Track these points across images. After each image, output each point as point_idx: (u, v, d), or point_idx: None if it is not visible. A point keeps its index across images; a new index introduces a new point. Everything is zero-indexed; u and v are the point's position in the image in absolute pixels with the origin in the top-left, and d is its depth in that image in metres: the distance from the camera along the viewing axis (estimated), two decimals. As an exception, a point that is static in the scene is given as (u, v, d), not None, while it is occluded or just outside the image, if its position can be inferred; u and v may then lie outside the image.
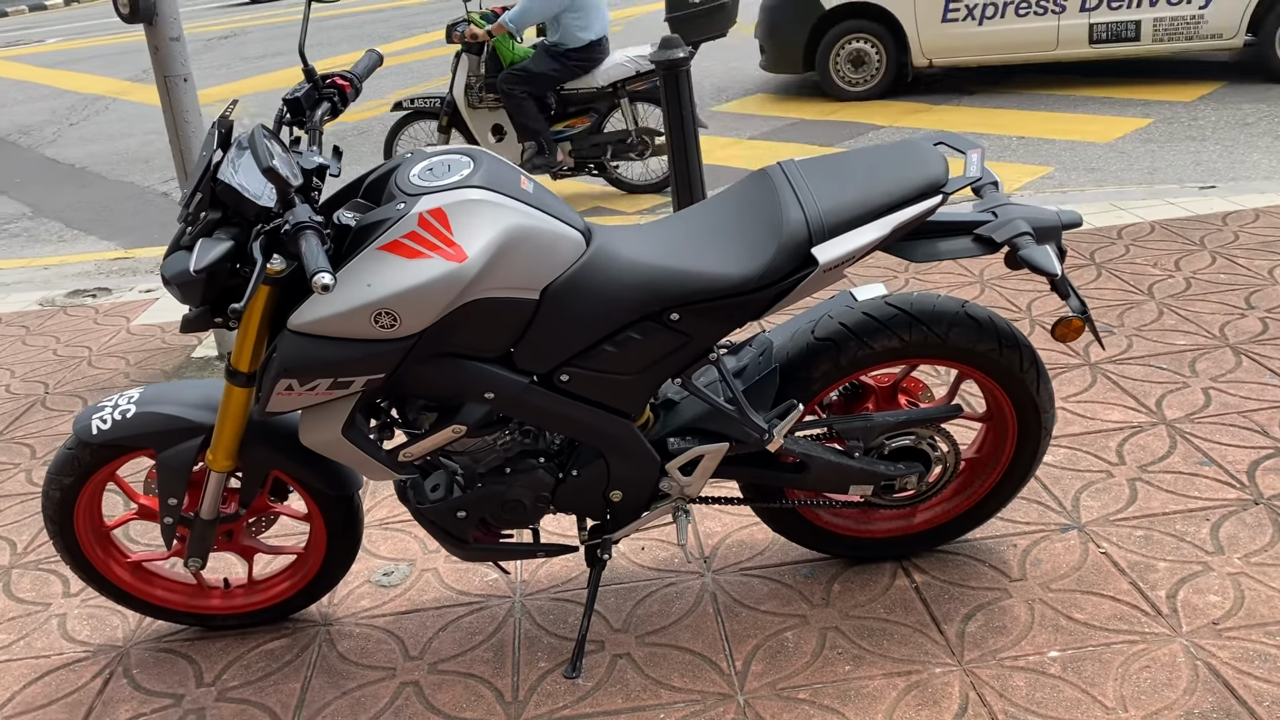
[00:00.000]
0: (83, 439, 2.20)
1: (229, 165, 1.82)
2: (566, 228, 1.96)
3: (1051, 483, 2.71)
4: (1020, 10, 7.10)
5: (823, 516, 2.42)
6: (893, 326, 2.13)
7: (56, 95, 12.28)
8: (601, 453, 2.14)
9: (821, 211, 1.96)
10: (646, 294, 1.98)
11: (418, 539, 2.79)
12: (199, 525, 2.25)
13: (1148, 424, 2.92)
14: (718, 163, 6.47)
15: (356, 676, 2.31)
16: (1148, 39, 6.88)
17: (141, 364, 4.16)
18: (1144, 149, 5.84)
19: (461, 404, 2.02)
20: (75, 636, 2.54)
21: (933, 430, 2.26)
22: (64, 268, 6.00)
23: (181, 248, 1.86)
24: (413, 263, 1.82)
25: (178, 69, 3.73)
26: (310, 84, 2.07)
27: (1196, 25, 6.73)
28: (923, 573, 2.43)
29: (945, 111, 7.12)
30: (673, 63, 4.24)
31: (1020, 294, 3.84)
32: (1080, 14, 6.98)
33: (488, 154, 1.98)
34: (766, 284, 1.97)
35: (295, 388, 1.89)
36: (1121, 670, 2.08)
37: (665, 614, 2.40)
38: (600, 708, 2.15)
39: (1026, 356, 2.20)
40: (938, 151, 2.05)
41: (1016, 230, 2.00)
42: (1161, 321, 3.51)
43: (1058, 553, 2.44)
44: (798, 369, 2.16)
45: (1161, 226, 4.36)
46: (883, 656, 2.20)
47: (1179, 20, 6.78)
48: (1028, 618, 2.25)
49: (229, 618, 2.48)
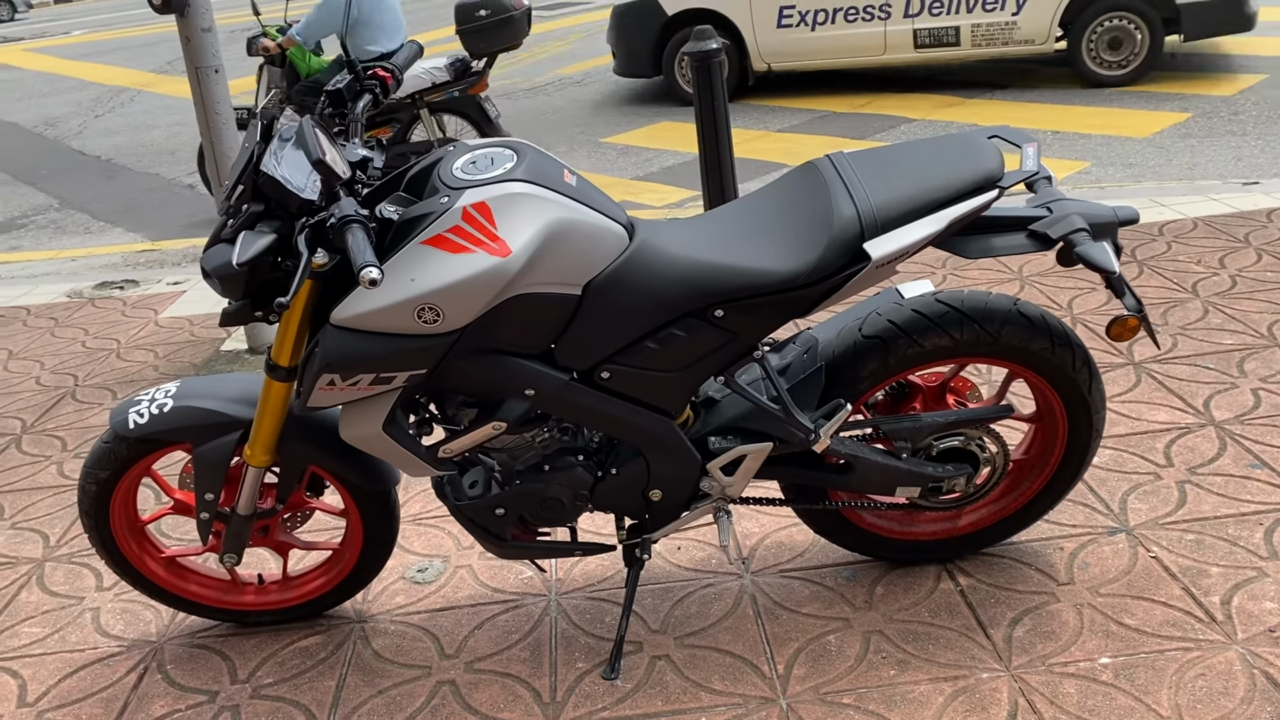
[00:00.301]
0: (119, 433, 2.18)
1: (272, 157, 1.79)
2: (610, 222, 1.92)
3: (1098, 484, 2.65)
4: (849, 16, 7.44)
5: (866, 518, 2.37)
6: (944, 324, 2.08)
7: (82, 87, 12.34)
8: (641, 451, 2.10)
9: (874, 205, 1.91)
10: (691, 290, 1.94)
11: (451, 535, 2.76)
12: (235, 521, 2.23)
13: (1196, 425, 2.85)
14: (746, 155, 6.42)
15: (392, 675, 2.29)
16: (967, 44, 7.26)
17: (170, 357, 4.16)
18: (1183, 144, 5.75)
19: (502, 400, 1.99)
20: (109, 631, 2.52)
21: (982, 431, 2.21)
22: (91, 259, 6.01)
23: (222, 240, 1.83)
24: (456, 257, 1.78)
25: (209, 60, 3.71)
26: (352, 75, 2.03)
27: (1011, 31, 7.13)
28: (968, 576, 2.38)
29: (979, 105, 7.04)
30: (704, 54, 4.19)
31: (1061, 291, 3.78)
32: (904, 20, 7.33)
33: (531, 147, 1.94)
34: (816, 280, 1.92)
35: (337, 383, 1.86)
36: (1176, 678, 2.03)
37: (704, 615, 2.36)
38: (640, 710, 2.11)
39: (1079, 356, 2.15)
40: (993, 145, 2.00)
41: (1072, 226, 1.94)
42: (1207, 320, 3.44)
43: (1106, 556, 2.39)
44: (844, 367, 2.12)
45: (1204, 223, 4.28)
46: (928, 661, 2.15)
47: (995, 26, 7.16)
48: (1077, 623, 2.20)
49: (263, 614, 2.46)
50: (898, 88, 7.76)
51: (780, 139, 6.77)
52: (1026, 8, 7.02)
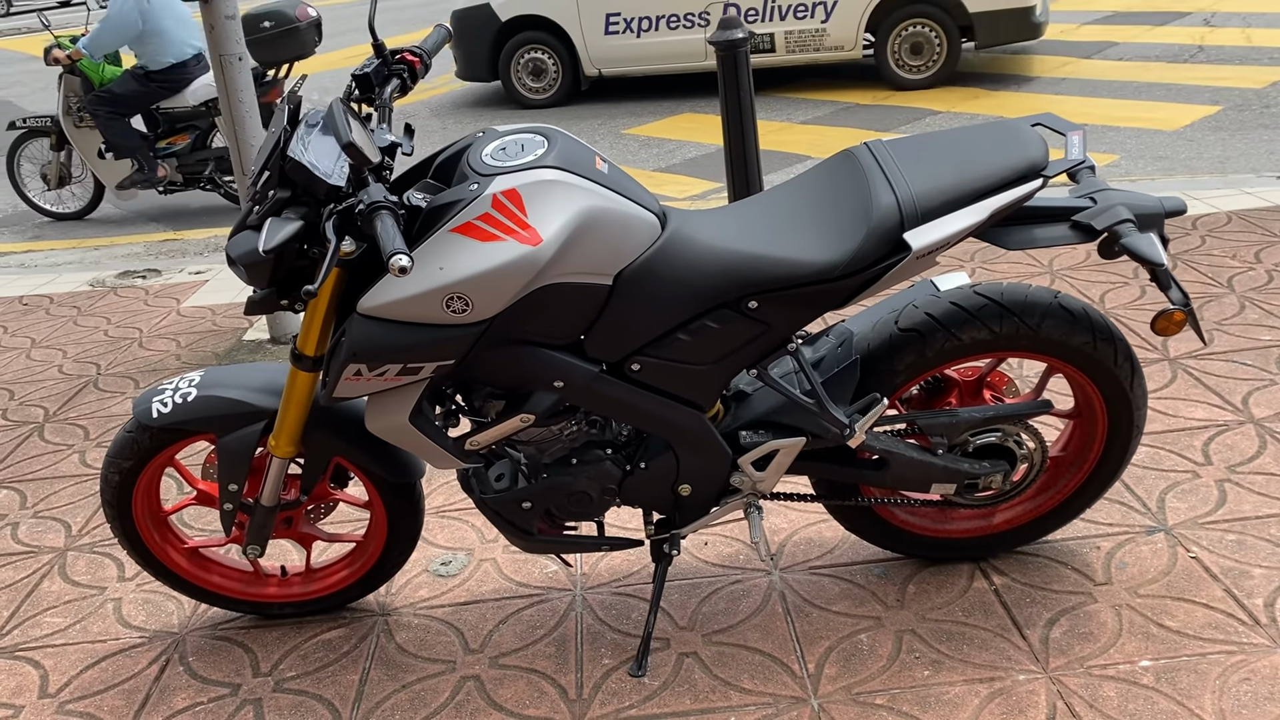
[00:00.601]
0: (143, 422, 2.16)
1: (299, 142, 1.75)
2: (642, 210, 1.88)
3: (1134, 483, 2.59)
4: (671, 23, 7.73)
5: (898, 515, 2.33)
6: (983, 317, 2.03)
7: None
8: (671, 445, 2.06)
9: (914, 194, 1.86)
10: (724, 280, 1.89)
11: (475, 528, 2.73)
12: (259, 512, 2.20)
13: (1234, 423, 2.79)
14: (770, 147, 6.36)
15: (416, 669, 2.26)
16: (782, 51, 7.58)
17: (192, 346, 4.14)
18: (1214, 137, 5.66)
19: (530, 392, 1.95)
20: (131, 622, 2.50)
21: (1019, 427, 2.16)
22: (114, 249, 6.01)
23: (248, 227, 1.79)
24: (486, 245, 1.75)
25: (232, 47, 3.68)
26: (380, 60, 2.00)
27: (821, 38, 7.48)
28: (1002, 575, 2.33)
29: (1005, 96, 6.95)
30: (731, 44, 4.14)
31: (1093, 285, 3.71)
32: None
33: (561, 133, 1.90)
34: (853, 271, 1.87)
35: (364, 373, 1.83)
36: (1219, 682, 1.98)
37: (732, 612, 2.32)
38: (668, 708, 2.08)
39: (1121, 350, 2.09)
40: (1036, 133, 1.95)
41: (1118, 217, 1.89)
42: (1244, 316, 3.37)
43: (1144, 556, 2.34)
44: (880, 361, 2.07)
45: (1238, 217, 4.20)
46: (963, 662, 2.10)
47: (806, 33, 7.50)
48: (1115, 624, 2.15)
49: (285, 606, 2.43)
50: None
51: (805, 131, 6.71)
52: (834, 16, 7.40)
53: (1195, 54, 7.45)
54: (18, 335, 4.42)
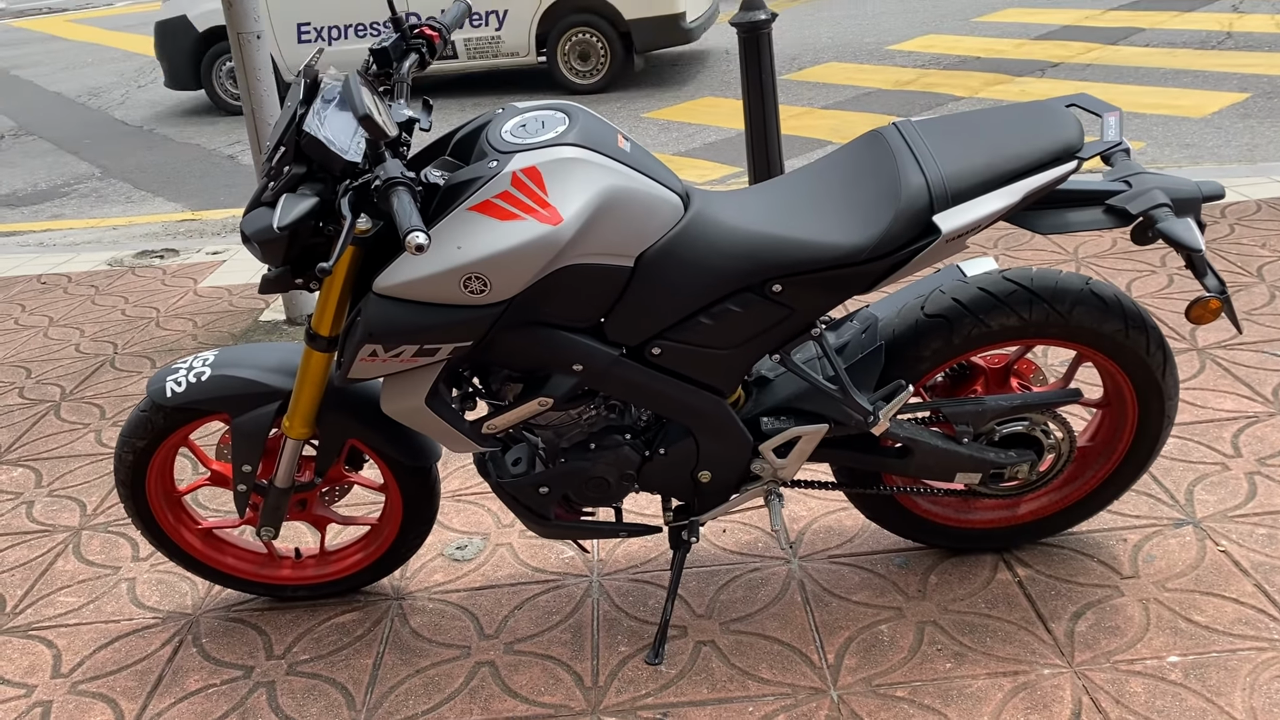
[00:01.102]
0: (157, 401, 2.13)
1: (315, 117, 1.72)
2: (665, 190, 1.84)
3: (1162, 474, 2.54)
4: (359, 32, 8.12)
5: (921, 504, 2.28)
6: (1012, 303, 1.98)
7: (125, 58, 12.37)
8: (691, 431, 2.03)
9: (944, 175, 1.81)
10: (748, 263, 1.85)
11: (491, 512, 2.70)
12: (273, 493, 2.18)
13: (1264, 414, 2.73)
14: (791, 132, 6.30)
15: (430, 654, 2.23)
16: (464, 57, 8.02)
17: (209, 326, 4.13)
18: (1242, 124, 5.56)
19: (549, 376, 1.92)
20: (145, 602, 2.49)
21: (1047, 416, 2.12)
22: (132, 228, 6.00)
23: (263, 204, 1.76)
24: (505, 225, 1.71)
25: (250, 25, 3.65)
26: (398, 34, 1.96)
27: (497, 44, 7.90)
28: (1026, 566, 2.29)
29: (1028, 82, 6.86)
30: (753, 25, 4.08)
31: (1119, 274, 3.65)
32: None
33: (583, 110, 1.86)
34: (881, 254, 1.83)
35: (379, 354, 1.79)
36: (1250, 680, 1.93)
37: (750, 601, 2.29)
38: (685, 697, 2.05)
39: (1154, 339, 2.04)
40: (1071, 113, 1.89)
41: (1154, 201, 1.84)
42: (1274, 305, 3.30)
43: (1172, 549, 2.29)
44: (905, 347, 2.02)
45: (1268, 205, 4.12)
46: (986, 655, 2.06)
47: (483, 40, 7.91)
48: (1142, 618, 2.10)
49: (299, 588, 2.41)
50: (944, 65, 7.59)
51: (826, 115, 6.64)
52: (507, 24, 7.83)
53: (1223, 40, 7.33)
54: (35, 314, 4.42)
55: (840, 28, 9.34)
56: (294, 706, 2.13)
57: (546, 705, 2.06)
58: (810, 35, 9.11)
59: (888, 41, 8.56)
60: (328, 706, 2.12)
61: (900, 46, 8.32)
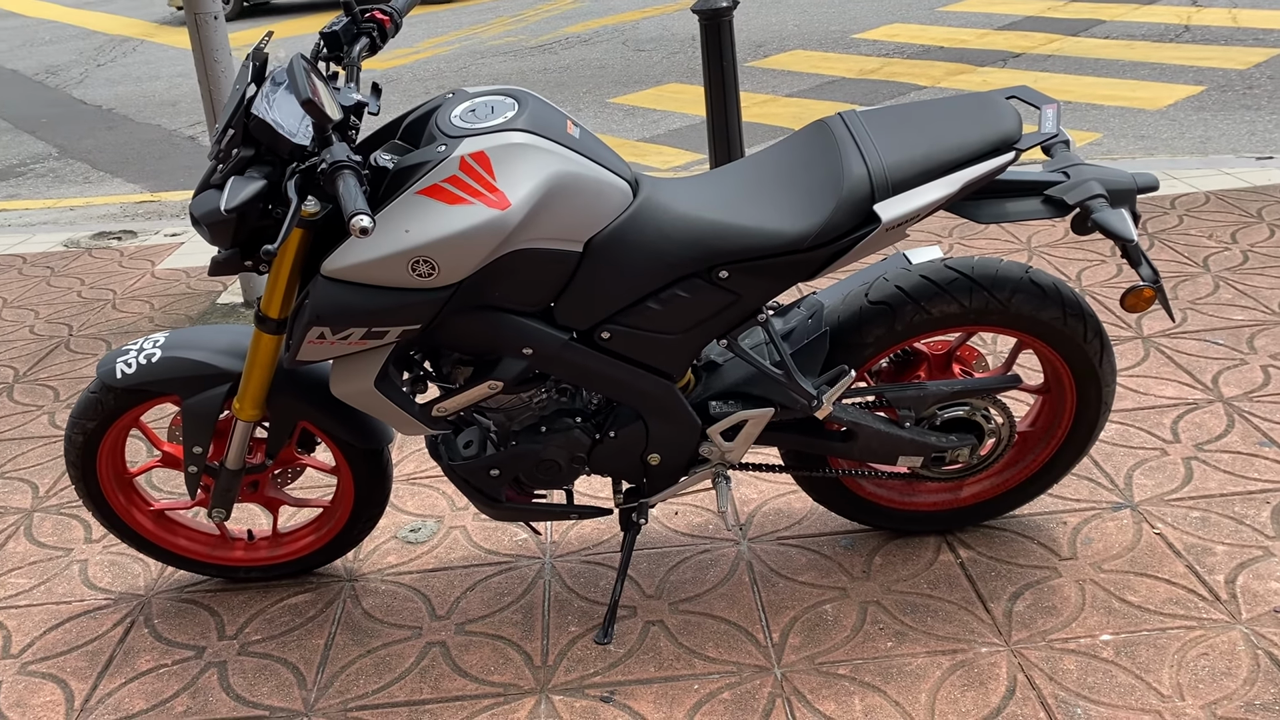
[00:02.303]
0: (107, 383, 2.13)
1: (263, 100, 1.73)
2: (614, 176, 1.86)
3: (1103, 459, 2.60)
4: None
5: (866, 487, 2.33)
6: (953, 291, 2.02)
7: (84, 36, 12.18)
8: (640, 414, 2.06)
9: (885, 165, 1.85)
10: (695, 249, 1.88)
11: (446, 495, 2.72)
12: (224, 475, 2.19)
13: (1204, 401, 2.81)
14: (754, 119, 6.32)
15: (382, 635, 2.26)
16: None
17: (166, 309, 4.10)
18: (1196, 117, 5.66)
19: (499, 359, 1.94)
20: (96, 583, 2.49)
21: (988, 401, 2.17)
22: (89, 209, 5.94)
23: (211, 186, 1.77)
24: (453, 209, 1.73)
25: (208, 6, 3.63)
26: (349, 18, 1.96)
27: None
28: (968, 548, 2.34)
29: (990, 73, 6.93)
30: (714, 12, 4.10)
31: (1070, 262, 3.71)
32: None
33: (533, 95, 1.88)
34: (824, 242, 1.86)
35: (327, 336, 1.81)
36: (1178, 657, 1.99)
37: (699, 581, 2.33)
38: (632, 675, 2.08)
39: (1091, 326, 2.09)
40: (1010, 105, 1.93)
41: (1090, 192, 1.88)
42: (1217, 295, 3.38)
43: (1109, 532, 2.35)
44: (849, 333, 2.06)
45: (1217, 197, 4.20)
46: (926, 634, 2.12)
47: None
48: (1078, 598, 2.16)
49: (252, 570, 2.42)
50: (907, 54, 7.65)
51: (789, 104, 6.67)
52: None
53: (1181, 34, 7.44)
54: (-11, 295, 4.38)
55: (807, 15, 9.38)
56: (245, 686, 2.14)
57: (496, 684, 2.09)
58: (777, 22, 9.14)
59: (853, 30, 8.60)
60: (279, 686, 2.14)
61: (866, 35, 8.37)
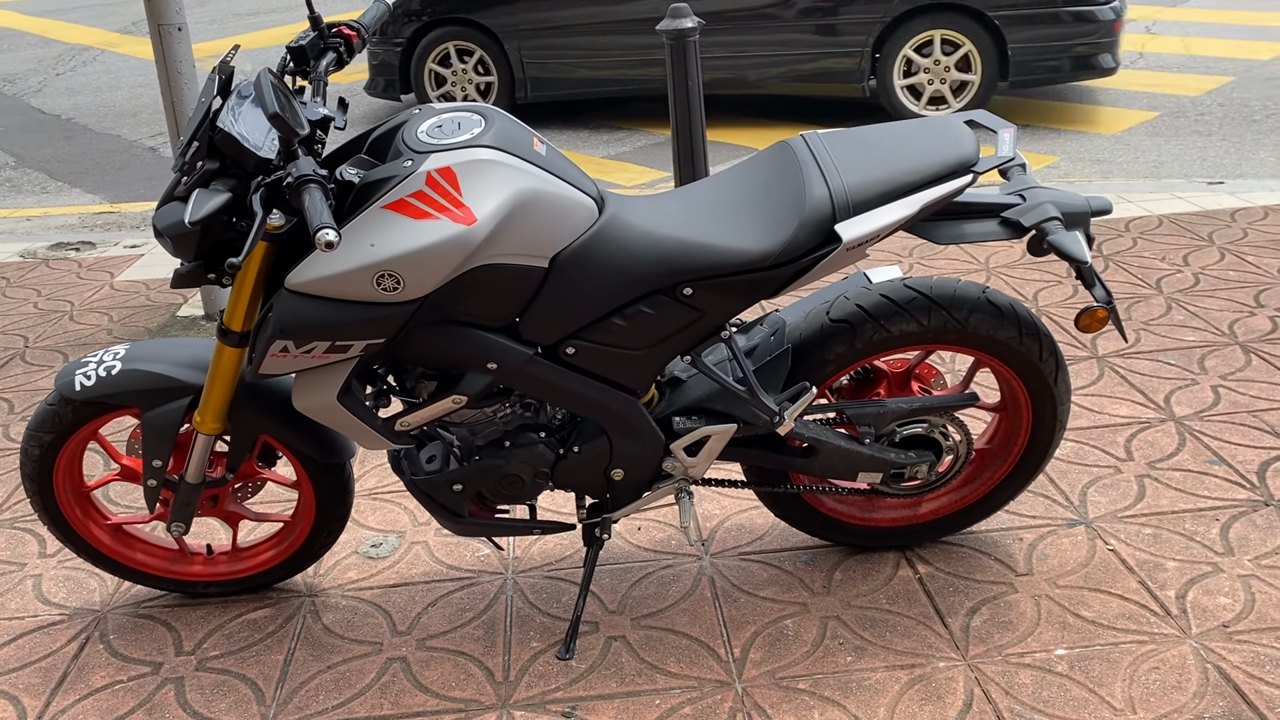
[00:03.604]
0: (65, 395, 2.11)
1: (229, 113, 1.73)
2: (579, 194, 1.88)
3: (1058, 477, 2.65)
4: None
5: (827, 503, 2.36)
6: (911, 310, 2.06)
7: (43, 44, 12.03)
8: (604, 429, 2.07)
9: (847, 186, 1.88)
10: (660, 266, 1.90)
11: (408, 510, 2.71)
12: (184, 489, 2.17)
13: (1156, 420, 2.87)
14: (718, 139, 6.38)
15: (342, 650, 2.24)
16: None
17: (125, 321, 4.06)
18: (1150, 142, 5.79)
19: (463, 374, 1.94)
20: (51, 599, 2.46)
21: (946, 419, 2.20)
22: (47, 219, 5.86)
23: (176, 198, 1.76)
24: (419, 224, 1.73)
25: (172, 17, 3.61)
26: (316, 32, 1.97)
27: None
28: (926, 564, 2.38)
29: (949, 97, 7.03)
30: (680, 32, 4.14)
31: (1027, 284, 3.78)
32: None
33: (500, 113, 1.89)
34: (786, 260, 1.89)
35: (291, 349, 1.81)
36: (1130, 671, 2.03)
37: (661, 597, 2.34)
38: (594, 691, 2.09)
39: (1046, 346, 2.14)
40: (968, 129, 1.98)
41: (1045, 215, 1.93)
42: (1170, 317, 3.46)
43: (1064, 548, 2.39)
44: (811, 350, 2.09)
45: (1169, 221, 4.30)
46: (885, 648, 2.14)
47: None
48: (1034, 614, 2.20)
49: (211, 585, 2.40)
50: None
51: (753, 123, 6.74)
52: None
53: (1136, 60, 7.60)
54: (-58, 305, 4.30)
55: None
56: (202, 702, 2.12)
57: (457, 700, 2.09)
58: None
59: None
60: (237, 702, 2.12)
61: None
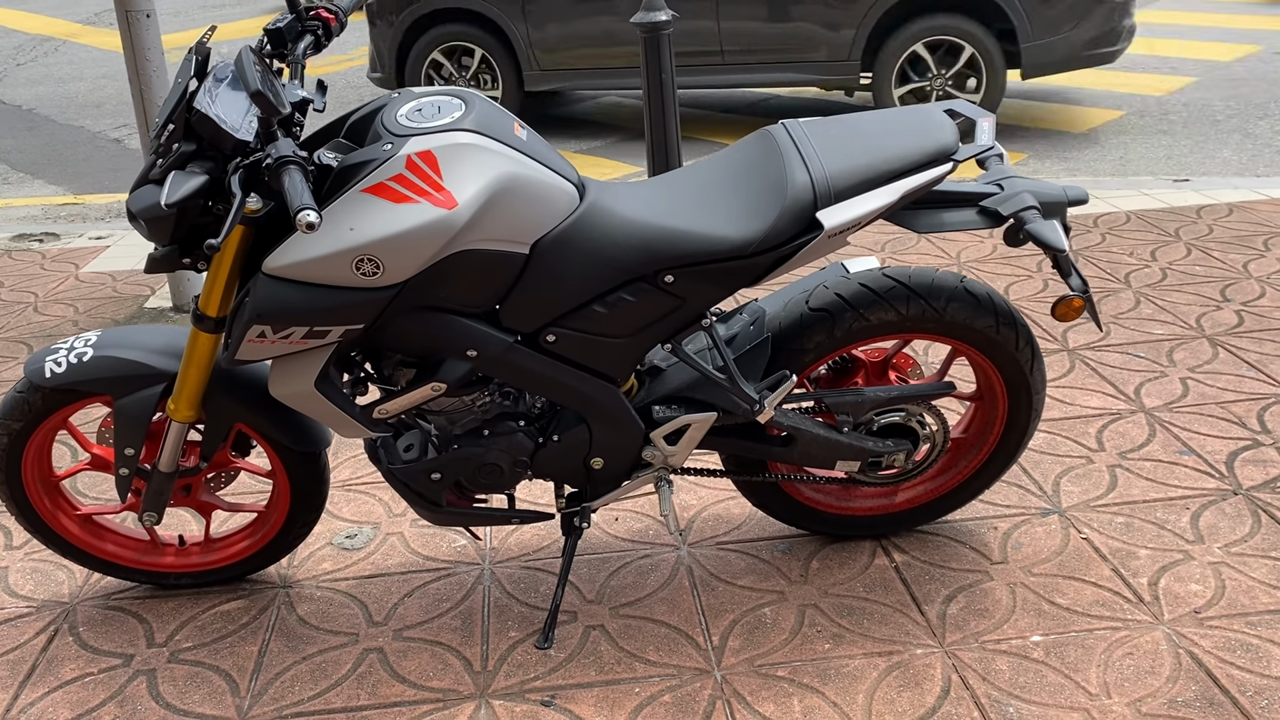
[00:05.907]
0: (35, 382, 2.07)
1: (206, 94, 1.70)
2: (560, 179, 1.87)
3: (1032, 467, 2.68)
4: None
5: (804, 492, 2.36)
6: (890, 299, 2.07)
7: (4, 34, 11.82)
8: (584, 418, 2.06)
9: (828, 174, 1.89)
10: (641, 254, 1.90)
11: (383, 501, 2.69)
12: (156, 478, 2.14)
13: (1127, 411, 2.90)
14: (692, 135, 6.39)
15: (317, 641, 2.22)
16: None
17: (91, 312, 4.00)
18: (1116, 140, 5.86)
19: (442, 361, 1.93)
20: (18, 591, 2.41)
21: (923, 408, 2.21)
22: (8, 211, 5.76)
23: (151, 181, 1.74)
24: (399, 207, 1.72)
25: (140, 4, 3.55)
26: (293, 15, 1.95)
27: None
28: (902, 552, 2.39)
29: (920, 94, 7.08)
30: (654, 25, 4.14)
31: (999, 277, 3.81)
32: None
33: (479, 96, 1.88)
34: (767, 248, 1.89)
35: (268, 335, 1.78)
36: (1104, 657, 2.05)
37: (640, 586, 2.33)
38: (573, 679, 2.08)
39: (1023, 336, 2.15)
40: (947, 118, 1.99)
41: (1023, 204, 1.94)
42: (1139, 310, 3.50)
43: (1039, 537, 2.41)
44: (790, 339, 2.10)
45: (1137, 217, 4.36)
46: (863, 636, 2.15)
47: None
48: (1009, 601, 2.22)
49: (183, 576, 2.37)
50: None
51: (726, 119, 6.75)
52: None
53: (1103, 61, 7.69)
54: (-99, 296, 4.22)
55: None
56: (175, 694, 2.09)
57: (435, 690, 2.07)
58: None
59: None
60: (211, 693, 2.09)
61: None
